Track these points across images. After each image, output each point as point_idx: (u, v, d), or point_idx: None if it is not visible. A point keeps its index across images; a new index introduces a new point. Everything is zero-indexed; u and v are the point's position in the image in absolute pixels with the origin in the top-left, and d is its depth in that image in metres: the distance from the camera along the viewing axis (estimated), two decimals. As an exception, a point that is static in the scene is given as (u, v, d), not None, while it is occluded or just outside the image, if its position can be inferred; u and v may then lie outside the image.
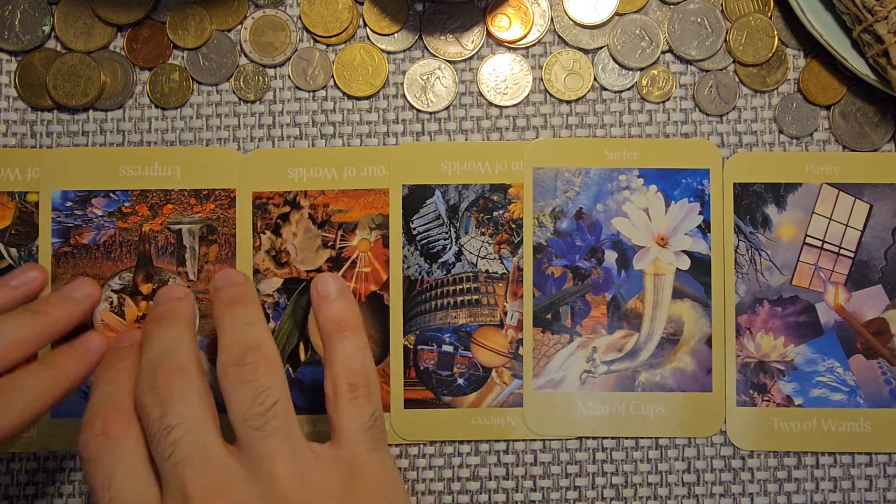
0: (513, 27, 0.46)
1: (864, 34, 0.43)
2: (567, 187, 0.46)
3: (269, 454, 0.34)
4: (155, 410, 0.34)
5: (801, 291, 0.46)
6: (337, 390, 0.36)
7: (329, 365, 0.37)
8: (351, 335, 0.38)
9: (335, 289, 0.39)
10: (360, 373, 0.37)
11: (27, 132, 0.46)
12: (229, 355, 0.36)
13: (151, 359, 0.36)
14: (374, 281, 0.46)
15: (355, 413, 0.36)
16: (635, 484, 0.45)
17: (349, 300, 0.39)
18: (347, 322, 0.38)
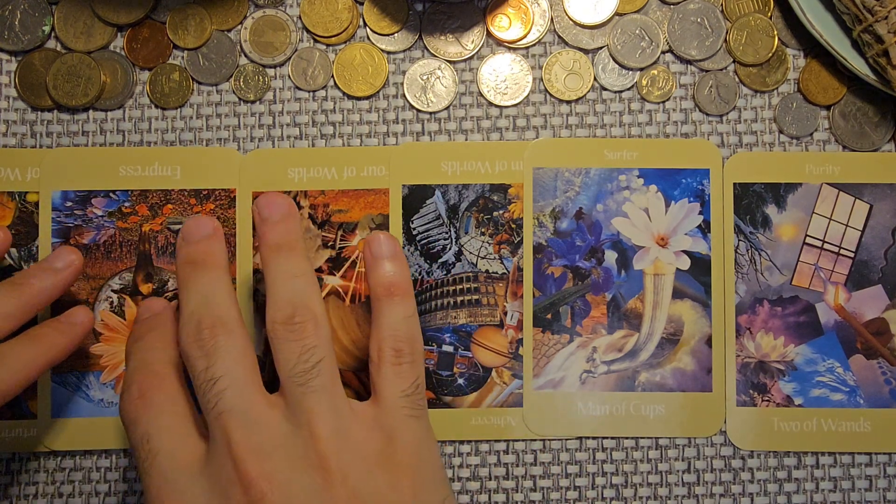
0: (513, 27, 0.46)
1: (864, 34, 0.43)
2: (567, 187, 0.46)
3: (310, 410, 0.35)
4: (200, 362, 0.36)
5: (801, 291, 0.46)
6: (382, 354, 0.37)
7: (376, 327, 0.37)
8: (400, 301, 0.38)
9: (388, 250, 0.38)
10: (407, 339, 0.37)
11: (27, 132, 0.46)
12: (278, 311, 0.36)
13: (193, 311, 0.37)
14: (374, 281, 0.46)
15: (398, 379, 0.37)
16: (635, 484, 0.45)
17: (402, 264, 0.38)
18: (398, 287, 0.38)
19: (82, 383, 0.45)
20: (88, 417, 0.45)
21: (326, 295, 0.46)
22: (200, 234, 0.39)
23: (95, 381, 0.45)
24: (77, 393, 0.45)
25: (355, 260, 0.46)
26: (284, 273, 0.37)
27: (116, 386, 0.45)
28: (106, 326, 0.45)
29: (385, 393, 0.37)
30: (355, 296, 0.46)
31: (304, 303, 0.37)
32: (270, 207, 0.39)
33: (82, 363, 0.45)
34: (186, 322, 0.37)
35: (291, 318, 0.36)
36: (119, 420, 0.45)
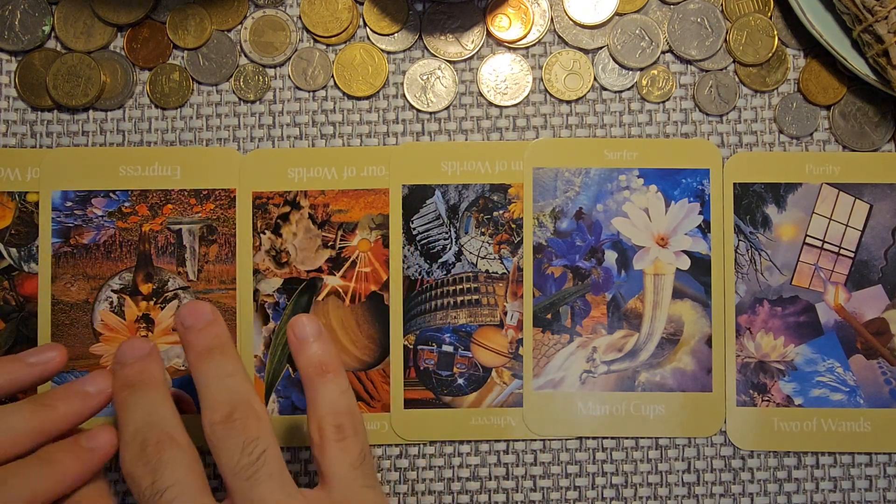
0: (513, 27, 0.46)
1: (864, 34, 0.43)
2: (567, 187, 0.46)
3: (261, 501, 0.34)
4: (146, 479, 0.34)
5: (801, 291, 0.46)
6: (323, 433, 0.36)
7: (313, 408, 0.37)
8: (333, 378, 0.37)
9: (312, 331, 0.38)
10: (346, 414, 0.37)
11: (27, 132, 0.46)
12: (215, 412, 0.35)
13: (136, 431, 0.35)
14: (374, 281, 0.46)
15: (344, 454, 0.36)
16: (635, 484, 0.45)
17: (327, 342, 0.38)
18: (328, 365, 0.37)
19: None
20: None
21: (326, 295, 0.46)
22: (135, 356, 0.37)
23: (95, 381, 0.45)
24: (77, 393, 0.45)
25: (355, 260, 0.46)
26: (217, 374, 0.36)
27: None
28: (106, 326, 0.45)
29: (334, 470, 0.36)
30: (355, 296, 0.46)
31: (241, 399, 0.36)
32: (194, 316, 0.38)
33: (82, 363, 0.45)
34: (129, 442, 0.35)
35: (230, 415, 0.35)
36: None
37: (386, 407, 0.45)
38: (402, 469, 0.45)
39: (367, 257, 0.46)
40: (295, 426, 0.45)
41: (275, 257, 0.46)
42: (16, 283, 0.45)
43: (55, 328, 0.45)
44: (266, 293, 0.46)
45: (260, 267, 0.46)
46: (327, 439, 0.36)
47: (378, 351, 0.46)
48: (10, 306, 0.45)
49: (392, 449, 0.45)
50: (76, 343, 0.45)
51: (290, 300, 0.46)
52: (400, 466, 0.45)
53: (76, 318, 0.45)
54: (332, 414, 0.36)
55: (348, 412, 0.37)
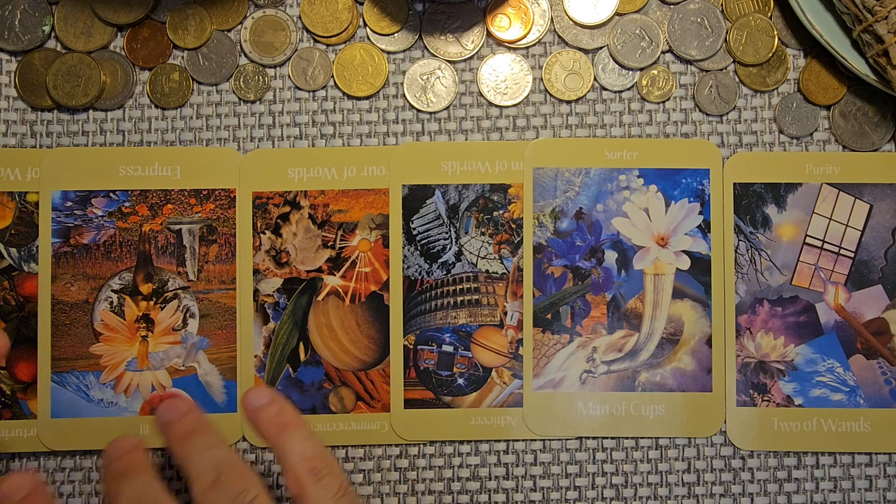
0: (513, 27, 0.46)
1: (864, 34, 0.43)
2: (567, 187, 0.46)
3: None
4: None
5: (801, 291, 0.46)
6: (300, 480, 0.37)
7: (285, 461, 0.38)
8: (294, 430, 0.38)
9: (265, 396, 0.39)
10: (317, 457, 0.38)
11: (27, 132, 0.46)
12: (203, 481, 0.37)
13: None
14: (374, 281, 0.46)
15: (325, 491, 0.37)
16: (635, 484, 0.45)
17: (282, 401, 0.39)
18: (287, 420, 0.39)
19: (82, 383, 0.45)
20: (88, 417, 0.45)
21: (326, 295, 0.46)
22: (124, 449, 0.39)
23: (95, 382, 0.45)
24: (77, 393, 0.45)
25: (355, 260, 0.46)
26: (198, 450, 0.38)
27: (116, 386, 0.45)
28: (106, 326, 0.45)
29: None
30: (355, 296, 0.46)
31: (224, 461, 0.37)
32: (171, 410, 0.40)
33: (82, 363, 0.45)
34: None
35: (217, 479, 0.37)
36: (120, 420, 0.45)
37: (386, 407, 0.45)
38: (402, 469, 0.45)
39: (367, 257, 0.46)
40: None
41: (275, 257, 0.46)
42: (16, 283, 0.45)
43: (55, 328, 0.45)
44: (266, 293, 0.46)
45: (260, 267, 0.46)
46: (305, 483, 0.37)
47: (378, 351, 0.46)
48: (10, 306, 0.45)
49: (392, 449, 0.45)
50: (76, 343, 0.45)
51: (290, 300, 0.46)
52: (400, 466, 0.45)
53: (76, 318, 0.45)
54: (304, 461, 0.38)
55: (318, 455, 0.38)
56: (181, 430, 0.39)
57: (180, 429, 0.39)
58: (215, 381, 0.45)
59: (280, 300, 0.46)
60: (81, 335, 0.45)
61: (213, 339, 0.45)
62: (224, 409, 0.44)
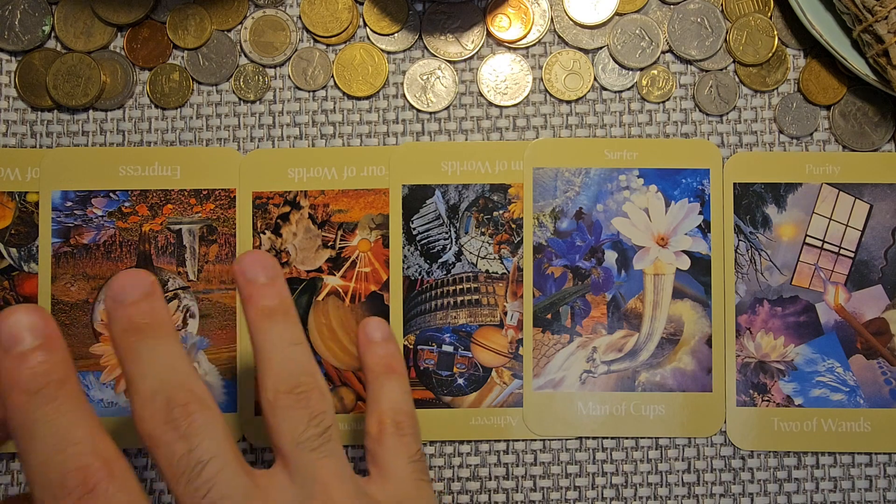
0: (513, 27, 0.46)
1: (864, 34, 0.43)
2: (567, 187, 0.46)
3: (325, 476, 0.32)
4: (178, 447, 0.30)
5: (801, 291, 0.46)
6: (383, 427, 0.35)
7: (375, 403, 0.36)
8: (398, 378, 0.37)
9: (382, 332, 0.37)
10: (408, 413, 0.36)
11: (27, 132, 0.46)
12: (279, 381, 0.33)
13: (156, 389, 0.30)
14: (374, 281, 0.46)
15: (403, 448, 0.35)
16: (635, 484, 0.45)
17: (395, 345, 0.38)
18: (395, 366, 0.37)
19: (82, 384, 0.45)
20: None
21: (326, 295, 0.46)
22: (138, 293, 0.31)
23: (95, 381, 0.45)
24: (77, 393, 0.45)
25: (355, 260, 0.46)
26: (281, 341, 0.33)
27: (117, 386, 0.45)
28: (106, 326, 0.45)
29: (392, 462, 0.35)
30: (355, 296, 0.46)
31: (307, 370, 0.33)
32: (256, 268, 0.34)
33: (82, 363, 0.45)
34: (148, 402, 0.30)
35: (296, 387, 0.33)
36: (120, 420, 0.45)
37: (386, 407, 0.45)
38: (402, 469, 0.45)
39: (367, 257, 0.46)
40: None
41: (275, 257, 0.46)
42: (16, 283, 0.45)
43: (55, 328, 0.45)
44: (266, 293, 0.45)
45: (260, 267, 0.46)
46: (387, 433, 0.35)
47: (378, 351, 0.45)
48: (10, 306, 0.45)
49: (392, 449, 0.45)
50: (76, 343, 0.45)
51: (290, 300, 0.46)
52: (400, 466, 0.45)
53: (76, 318, 0.45)
54: (394, 410, 0.36)
55: (409, 413, 0.36)
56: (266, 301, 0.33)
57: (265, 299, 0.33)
58: (215, 381, 0.45)
59: (280, 300, 0.45)
60: (81, 335, 0.45)
61: (213, 339, 0.45)
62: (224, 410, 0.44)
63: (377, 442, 0.35)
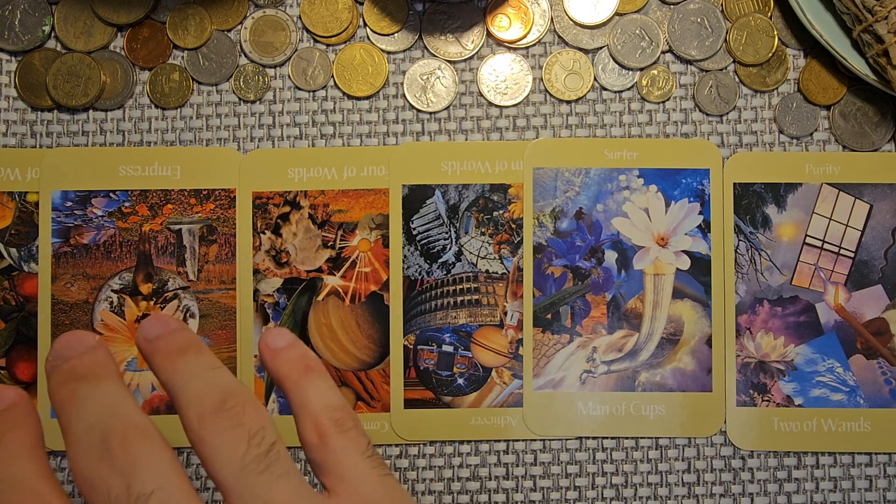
0: (513, 27, 0.46)
1: (864, 34, 0.43)
2: (567, 187, 0.46)
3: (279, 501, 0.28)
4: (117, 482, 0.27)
5: (801, 291, 0.46)
6: (322, 429, 0.31)
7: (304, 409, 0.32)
8: (320, 376, 0.32)
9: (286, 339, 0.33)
10: (342, 408, 0.32)
11: (27, 132, 0.46)
12: (202, 404, 0.29)
13: (92, 425, 0.28)
14: (374, 281, 0.46)
15: (353, 444, 0.31)
16: (635, 484, 0.45)
17: (303, 346, 0.34)
18: (311, 365, 0.33)
19: (82, 383, 0.45)
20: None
21: (326, 295, 0.46)
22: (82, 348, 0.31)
23: (95, 381, 0.45)
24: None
25: (355, 260, 0.46)
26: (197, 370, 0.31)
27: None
28: (106, 327, 0.45)
29: (346, 462, 0.31)
30: (355, 296, 0.46)
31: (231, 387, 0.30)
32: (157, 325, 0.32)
33: (82, 363, 0.45)
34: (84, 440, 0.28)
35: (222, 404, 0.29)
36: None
37: (386, 407, 0.45)
38: (402, 469, 0.45)
39: (367, 257, 0.46)
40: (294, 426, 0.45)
41: (275, 257, 0.46)
42: (16, 283, 0.45)
43: (55, 328, 0.45)
44: (266, 293, 0.46)
45: (260, 267, 0.46)
46: (329, 434, 0.31)
47: (378, 351, 0.46)
48: (10, 306, 0.45)
49: (392, 449, 0.45)
50: (76, 343, 0.45)
51: (290, 300, 0.46)
52: (400, 466, 0.45)
53: (76, 318, 0.45)
54: (328, 409, 0.32)
55: (344, 408, 0.32)
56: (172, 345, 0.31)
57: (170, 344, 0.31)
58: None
59: (280, 300, 0.46)
60: (81, 335, 0.45)
61: (213, 339, 0.45)
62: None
63: (321, 449, 0.31)
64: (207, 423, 0.29)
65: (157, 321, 0.32)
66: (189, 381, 0.30)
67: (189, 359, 0.31)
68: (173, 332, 0.31)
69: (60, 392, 0.30)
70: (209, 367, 0.31)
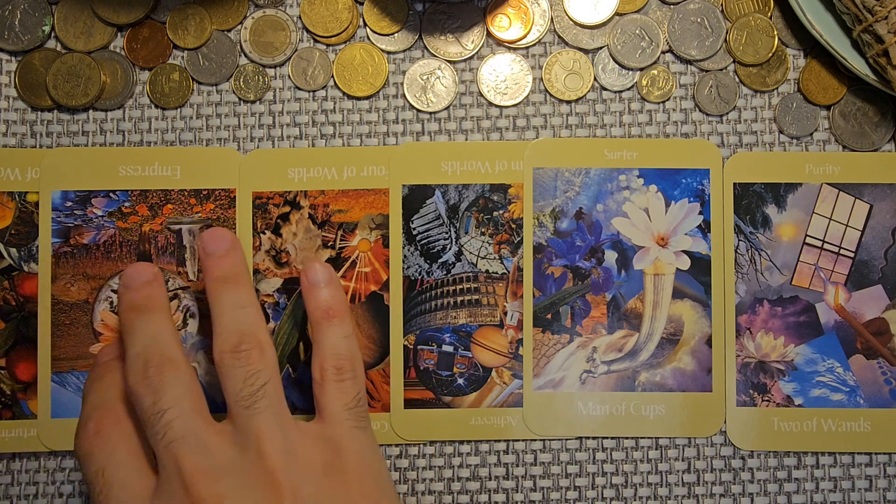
0: (513, 27, 0.46)
1: (864, 34, 0.43)
2: (567, 187, 0.46)
3: (257, 431, 0.36)
4: (148, 398, 0.36)
5: (801, 291, 0.46)
6: (324, 373, 0.38)
7: (317, 349, 0.39)
8: (339, 322, 0.39)
9: (324, 277, 0.40)
10: (347, 357, 0.39)
11: (27, 132, 0.46)
12: (225, 342, 0.37)
13: (139, 353, 0.37)
14: (374, 281, 0.46)
15: (341, 394, 0.38)
16: (635, 484, 0.45)
17: (338, 288, 0.40)
18: (336, 310, 0.39)
19: (82, 383, 0.45)
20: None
21: (326, 295, 0.46)
22: (141, 280, 0.39)
23: (95, 381, 0.45)
24: (77, 393, 0.45)
25: (355, 260, 0.46)
26: (230, 304, 0.38)
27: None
28: (106, 326, 0.45)
29: (329, 408, 0.38)
30: (355, 296, 0.46)
31: (249, 330, 0.38)
32: (215, 242, 0.39)
33: (82, 363, 0.45)
34: (133, 363, 0.37)
35: (238, 346, 0.37)
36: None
37: (386, 407, 0.45)
38: (402, 469, 0.45)
39: (367, 257, 0.46)
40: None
41: (275, 257, 0.46)
42: (16, 283, 0.45)
43: (55, 328, 0.45)
44: (266, 293, 0.46)
45: (260, 267, 0.46)
46: (327, 379, 0.38)
47: (378, 351, 0.46)
48: (10, 306, 0.45)
49: (392, 449, 0.45)
50: (76, 343, 0.45)
51: (291, 300, 0.46)
52: (400, 466, 0.45)
53: (76, 318, 0.45)
54: (334, 356, 0.38)
55: (349, 356, 0.39)
56: (220, 271, 0.39)
57: (219, 269, 0.39)
58: (215, 380, 0.45)
59: (280, 300, 0.46)
60: (81, 335, 0.45)
61: (213, 339, 0.45)
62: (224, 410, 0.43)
63: (320, 388, 0.38)
64: (224, 359, 0.37)
65: (213, 238, 0.39)
66: (221, 314, 0.38)
67: (226, 290, 0.39)
68: (221, 257, 0.39)
69: (123, 319, 0.39)
70: (239, 304, 0.38)
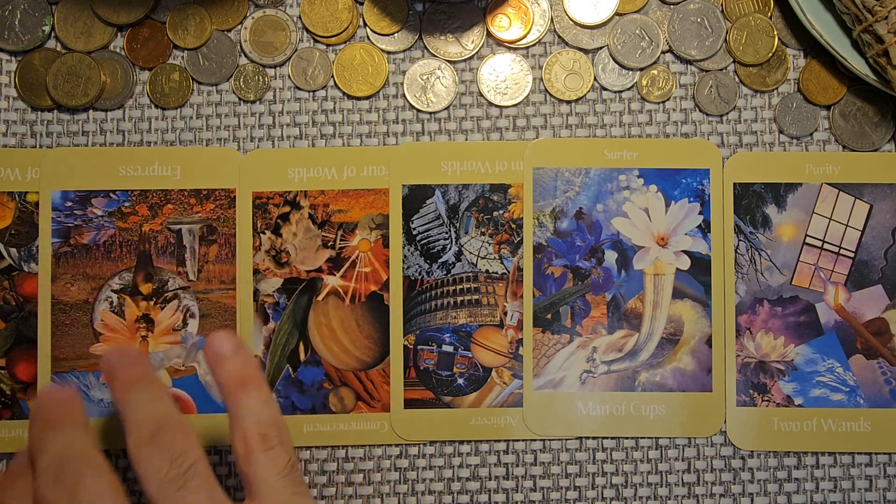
0: (513, 27, 0.46)
1: (864, 34, 0.43)
2: (567, 187, 0.46)
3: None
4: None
5: (801, 291, 0.46)
6: (249, 443, 0.36)
7: (236, 420, 0.36)
8: (255, 389, 0.37)
9: (230, 346, 0.37)
10: (271, 424, 0.36)
11: (27, 132, 0.46)
12: (140, 432, 0.35)
13: (53, 458, 0.34)
14: (374, 281, 0.46)
15: (271, 463, 0.35)
16: (635, 484, 0.45)
17: (246, 354, 0.38)
18: (249, 377, 0.37)
19: (82, 383, 0.45)
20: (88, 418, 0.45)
21: (326, 295, 0.46)
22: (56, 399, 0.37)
23: (95, 382, 0.45)
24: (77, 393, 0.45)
25: (355, 260, 0.46)
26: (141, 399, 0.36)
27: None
28: (106, 326, 0.45)
29: (262, 480, 0.35)
30: (355, 296, 0.46)
31: (165, 416, 0.35)
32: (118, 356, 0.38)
33: (82, 363, 0.45)
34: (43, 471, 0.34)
35: (156, 433, 0.35)
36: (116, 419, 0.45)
37: (386, 407, 0.45)
38: (402, 469, 0.45)
39: (367, 257, 0.46)
40: (294, 426, 0.45)
41: (275, 257, 0.46)
42: (16, 283, 0.45)
43: (55, 328, 0.45)
44: (266, 293, 0.46)
45: (260, 267, 0.46)
46: (253, 449, 0.35)
47: (378, 351, 0.46)
48: (10, 306, 0.45)
49: (392, 449, 0.45)
50: (76, 343, 0.45)
51: (290, 300, 0.46)
52: (400, 466, 0.45)
53: (76, 318, 0.45)
54: (256, 424, 0.36)
55: (273, 422, 0.36)
56: (125, 378, 0.36)
57: (124, 377, 0.37)
58: (215, 381, 0.45)
59: (280, 300, 0.46)
60: (81, 335, 0.45)
61: (213, 339, 0.45)
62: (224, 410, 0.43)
63: (246, 462, 0.35)
64: (143, 449, 0.34)
65: (117, 355, 0.37)
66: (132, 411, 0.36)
67: (135, 392, 0.36)
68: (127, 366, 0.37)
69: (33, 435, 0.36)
70: (150, 399, 0.36)
